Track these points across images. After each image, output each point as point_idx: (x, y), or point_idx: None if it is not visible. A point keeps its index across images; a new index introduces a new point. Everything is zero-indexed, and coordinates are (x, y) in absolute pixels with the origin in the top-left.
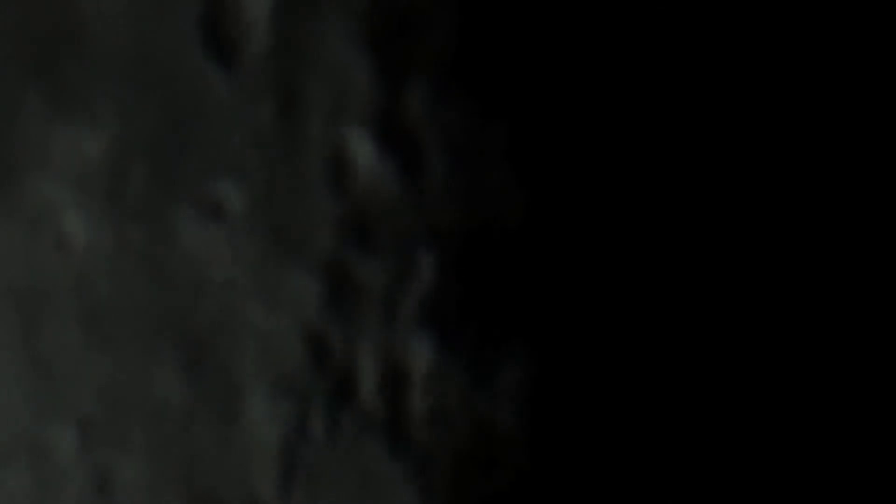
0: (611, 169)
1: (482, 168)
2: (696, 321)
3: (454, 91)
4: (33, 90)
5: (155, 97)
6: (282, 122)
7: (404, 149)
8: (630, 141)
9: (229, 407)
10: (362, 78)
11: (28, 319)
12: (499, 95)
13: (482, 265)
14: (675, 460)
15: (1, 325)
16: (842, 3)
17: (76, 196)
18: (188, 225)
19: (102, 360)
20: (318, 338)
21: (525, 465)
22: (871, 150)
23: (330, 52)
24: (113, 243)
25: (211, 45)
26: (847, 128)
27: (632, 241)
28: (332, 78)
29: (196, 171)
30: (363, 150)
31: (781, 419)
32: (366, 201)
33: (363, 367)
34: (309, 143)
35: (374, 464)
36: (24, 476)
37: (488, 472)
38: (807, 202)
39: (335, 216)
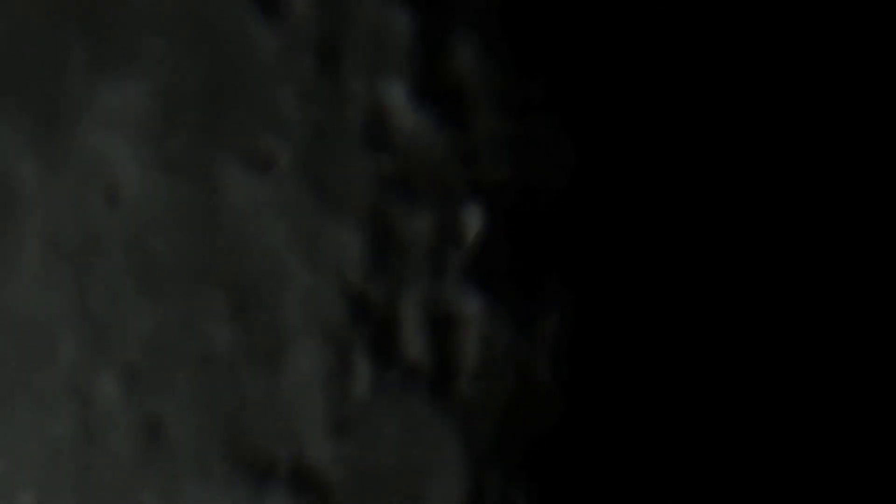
0: (657, 123)
1: (528, 121)
2: (739, 273)
3: (499, 44)
4: (79, 43)
5: (201, 50)
6: (325, 76)
7: (448, 102)
8: (678, 93)
9: (275, 357)
10: (405, 31)
11: (77, 269)
12: (545, 48)
13: (527, 218)
14: (711, 406)
15: (51, 274)
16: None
17: (124, 148)
18: (234, 177)
19: (149, 309)
20: (361, 291)
21: (567, 415)
22: (871, 150)
23: (372, 6)
24: (161, 195)
25: None
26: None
27: (674, 195)
28: (375, 32)
29: (242, 124)
30: (405, 104)
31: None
32: (408, 155)
33: (407, 319)
34: (351, 97)
35: (418, 415)
36: (69, 423)
37: (530, 421)
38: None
39: (377, 169)
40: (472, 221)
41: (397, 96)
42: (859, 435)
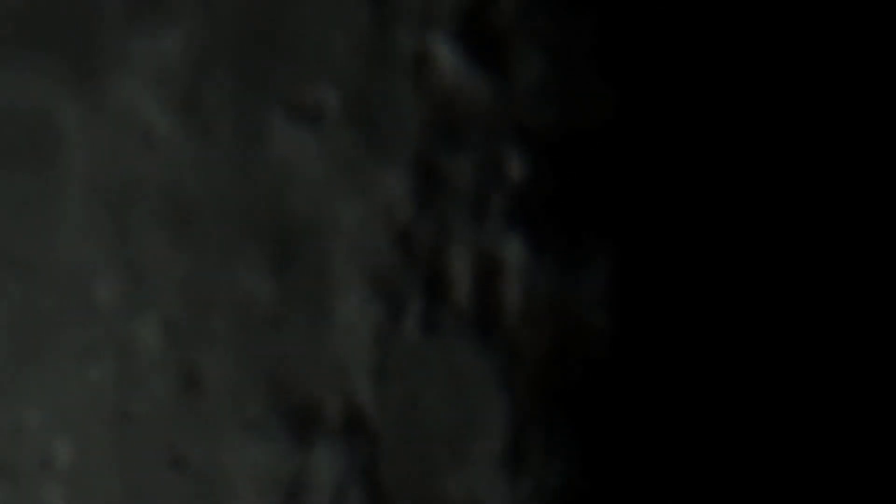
0: (703, 71)
1: (573, 69)
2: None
3: None
4: None
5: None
6: (372, 24)
7: (492, 48)
8: (724, 36)
9: (320, 304)
10: None
11: (116, 218)
12: None
13: (572, 163)
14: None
15: (89, 223)
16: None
17: (160, 96)
18: (277, 125)
19: (189, 258)
20: (408, 236)
21: (613, 359)
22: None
23: None
24: (200, 143)
25: None
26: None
27: (719, 142)
28: None
29: (286, 72)
30: (451, 51)
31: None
32: (454, 101)
33: (454, 264)
34: (398, 44)
35: (465, 360)
36: (108, 371)
37: (576, 366)
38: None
39: (423, 115)
40: (516, 165)
41: (443, 43)
42: (863, 431)
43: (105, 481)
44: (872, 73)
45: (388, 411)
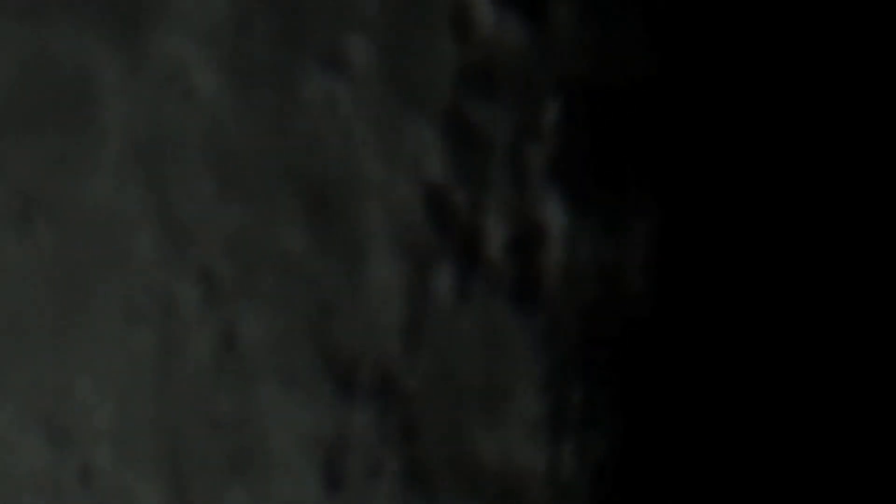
0: (743, 28)
1: (612, 20)
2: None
3: None
4: None
5: None
6: None
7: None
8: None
9: (354, 261)
10: None
11: (156, 173)
12: None
13: (611, 117)
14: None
15: (129, 178)
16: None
17: (202, 50)
18: (314, 79)
19: (229, 213)
20: (441, 193)
21: (654, 321)
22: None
23: None
24: (240, 97)
25: None
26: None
27: (759, 98)
28: None
29: (322, 26)
30: (488, 1)
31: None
32: (489, 52)
33: (489, 222)
34: None
35: (500, 323)
36: (151, 332)
37: (616, 328)
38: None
39: (459, 68)
40: (554, 117)
41: None
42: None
43: (148, 441)
44: None
45: (421, 372)
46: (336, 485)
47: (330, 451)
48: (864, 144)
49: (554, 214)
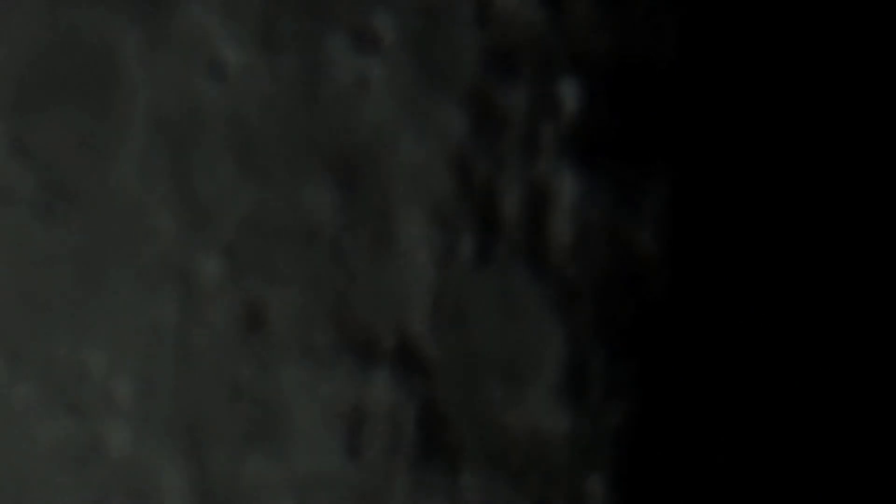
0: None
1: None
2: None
3: None
4: None
5: None
6: None
7: None
8: None
9: (380, 235)
10: None
11: (179, 147)
12: None
13: (627, 92)
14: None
15: (154, 155)
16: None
17: (228, 24)
18: (341, 55)
19: (253, 189)
20: (464, 166)
21: (669, 288)
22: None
23: None
24: (266, 72)
25: None
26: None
27: (779, 67)
28: None
29: (351, 3)
30: None
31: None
32: (510, 31)
33: (507, 195)
34: None
35: (519, 291)
36: (171, 306)
37: (632, 296)
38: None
39: (481, 47)
40: (570, 95)
41: None
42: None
43: (167, 416)
44: None
45: (444, 342)
46: (357, 455)
47: (351, 422)
48: (879, 122)
49: (567, 185)
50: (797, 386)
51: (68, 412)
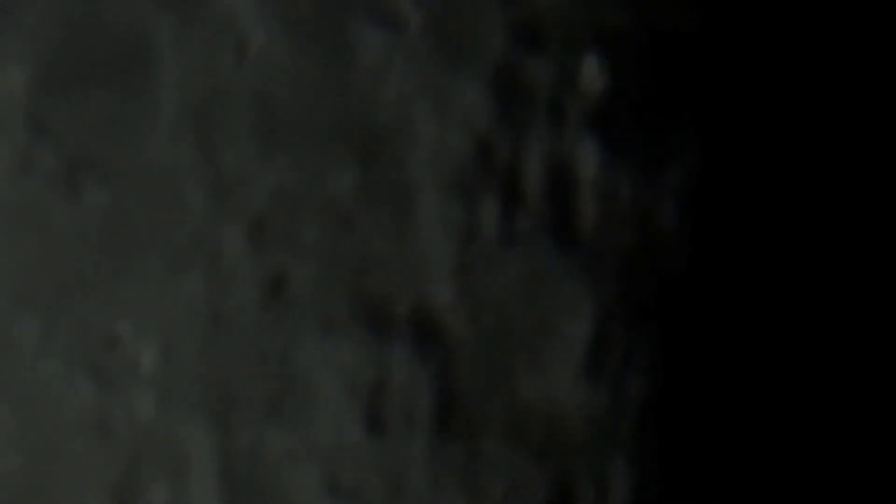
0: None
1: None
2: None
3: None
4: None
5: None
6: None
7: None
8: None
9: (400, 208)
10: None
11: (206, 127)
12: None
13: (651, 66)
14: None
15: (180, 132)
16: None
17: (255, 5)
18: (364, 35)
19: (277, 166)
20: (487, 140)
21: (692, 263)
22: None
23: None
24: (289, 51)
25: None
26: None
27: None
28: None
29: None
30: None
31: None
32: (534, 7)
33: (530, 168)
34: None
35: (542, 266)
36: (198, 280)
37: (655, 270)
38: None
39: (505, 22)
40: (594, 70)
41: None
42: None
43: (193, 386)
44: None
45: (464, 315)
46: (379, 428)
47: (372, 394)
48: None
49: (590, 160)
50: (824, 362)
51: (96, 382)
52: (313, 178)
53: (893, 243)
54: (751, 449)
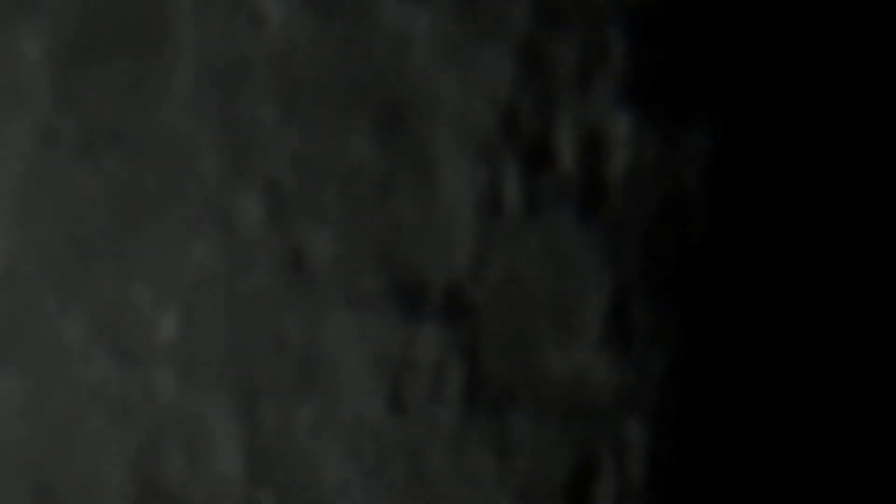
0: None
1: None
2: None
3: None
4: None
5: None
6: None
7: None
8: None
9: (424, 178)
10: None
11: (224, 94)
12: None
13: (676, 37)
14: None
15: (197, 99)
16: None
17: None
18: (387, 3)
19: (297, 133)
20: (512, 108)
21: (716, 232)
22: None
23: None
24: (310, 19)
25: None
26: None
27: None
28: None
29: None
30: None
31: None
32: None
33: (557, 136)
34: None
35: (567, 235)
36: (214, 246)
37: (678, 239)
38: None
39: None
40: (620, 42)
41: None
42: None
43: (211, 358)
44: None
45: (489, 287)
46: (402, 403)
47: (396, 369)
48: None
49: (619, 128)
50: (847, 335)
51: (115, 357)
52: (334, 146)
53: None
54: (772, 420)
